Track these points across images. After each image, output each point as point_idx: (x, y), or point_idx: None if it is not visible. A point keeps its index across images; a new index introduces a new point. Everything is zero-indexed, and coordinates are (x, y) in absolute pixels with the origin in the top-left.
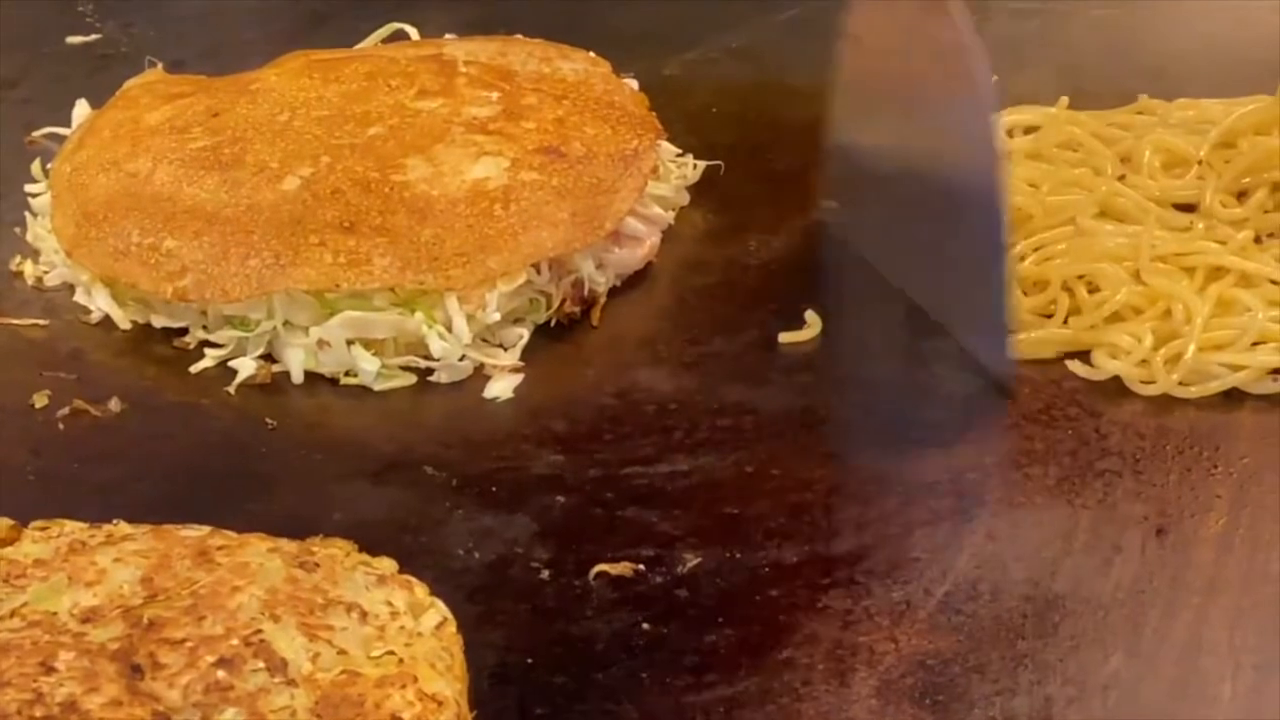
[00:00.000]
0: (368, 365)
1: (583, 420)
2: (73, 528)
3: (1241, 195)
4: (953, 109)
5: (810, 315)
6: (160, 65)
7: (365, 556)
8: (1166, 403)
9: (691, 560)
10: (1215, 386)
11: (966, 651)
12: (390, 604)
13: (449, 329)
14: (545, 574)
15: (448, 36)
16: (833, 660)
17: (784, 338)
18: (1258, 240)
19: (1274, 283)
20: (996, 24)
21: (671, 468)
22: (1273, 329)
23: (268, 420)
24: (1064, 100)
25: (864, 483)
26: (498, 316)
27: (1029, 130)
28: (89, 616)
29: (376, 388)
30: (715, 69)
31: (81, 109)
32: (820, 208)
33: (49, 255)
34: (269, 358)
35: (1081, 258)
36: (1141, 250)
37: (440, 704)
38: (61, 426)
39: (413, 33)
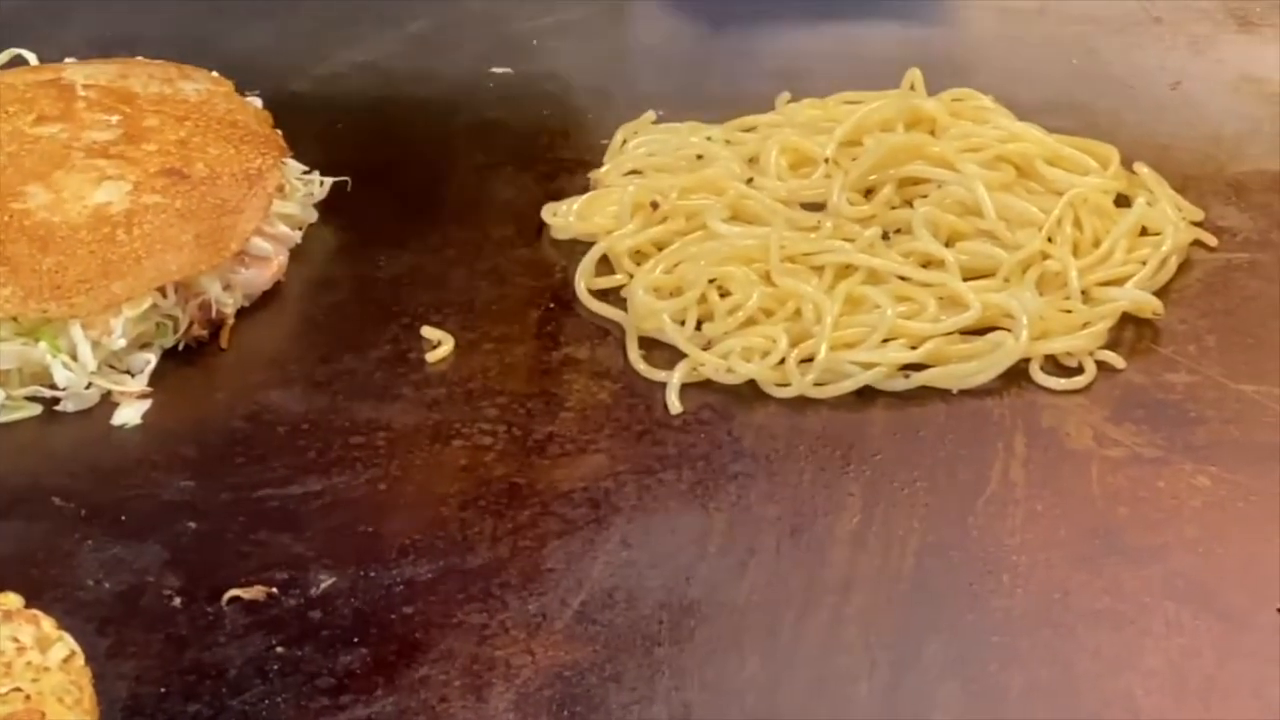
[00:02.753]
0: None
1: (213, 444)
2: None
3: (869, 192)
4: None
5: (441, 330)
6: None
7: None
8: (800, 403)
9: (325, 581)
10: (848, 385)
11: (604, 661)
12: (16, 640)
13: (74, 357)
14: (177, 602)
15: (68, 60)
16: (469, 676)
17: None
18: (885, 237)
19: (902, 279)
20: (623, 28)
21: (304, 488)
22: (902, 325)
23: None
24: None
25: (498, 495)
26: (123, 342)
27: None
28: None
29: (1, 420)
30: (343, 84)
31: None
32: None
33: None
34: None
35: (712, 261)
36: (771, 251)
37: None
38: None
39: (31, 58)
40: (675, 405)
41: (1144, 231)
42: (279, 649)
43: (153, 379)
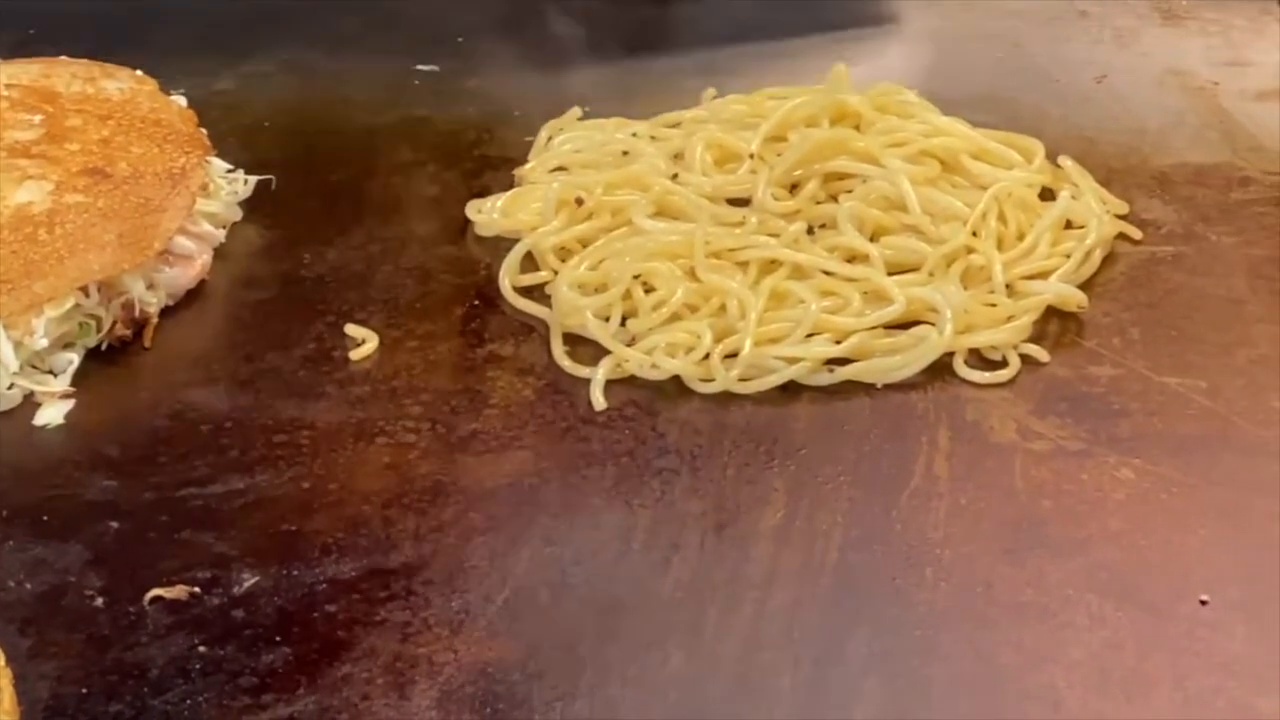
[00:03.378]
0: None
1: (136, 444)
2: None
3: (794, 188)
4: None
5: (365, 328)
6: None
7: None
8: (724, 399)
9: (248, 580)
10: (773, 380)
11: (527, 658)
12: None
13: None
14: (99, 602)
15: None
16: (392, 673)
17: (340, 351)
18: (810, 232)
19: (827, 273)
20: (549, 25)
21: (227, 487)
22: (826, 320)
23: None
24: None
25: (421, 493)
26: (46, 342)
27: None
28: None
29: None
30: (268, 83)
31: None
32: None
33: None
34: None
35: (637, 257)
36: (696, 247)
37: None
38: None
39: None
40: (600, 402)
41: (1069, 225)
42: (201, 648)
43: (76, 379)
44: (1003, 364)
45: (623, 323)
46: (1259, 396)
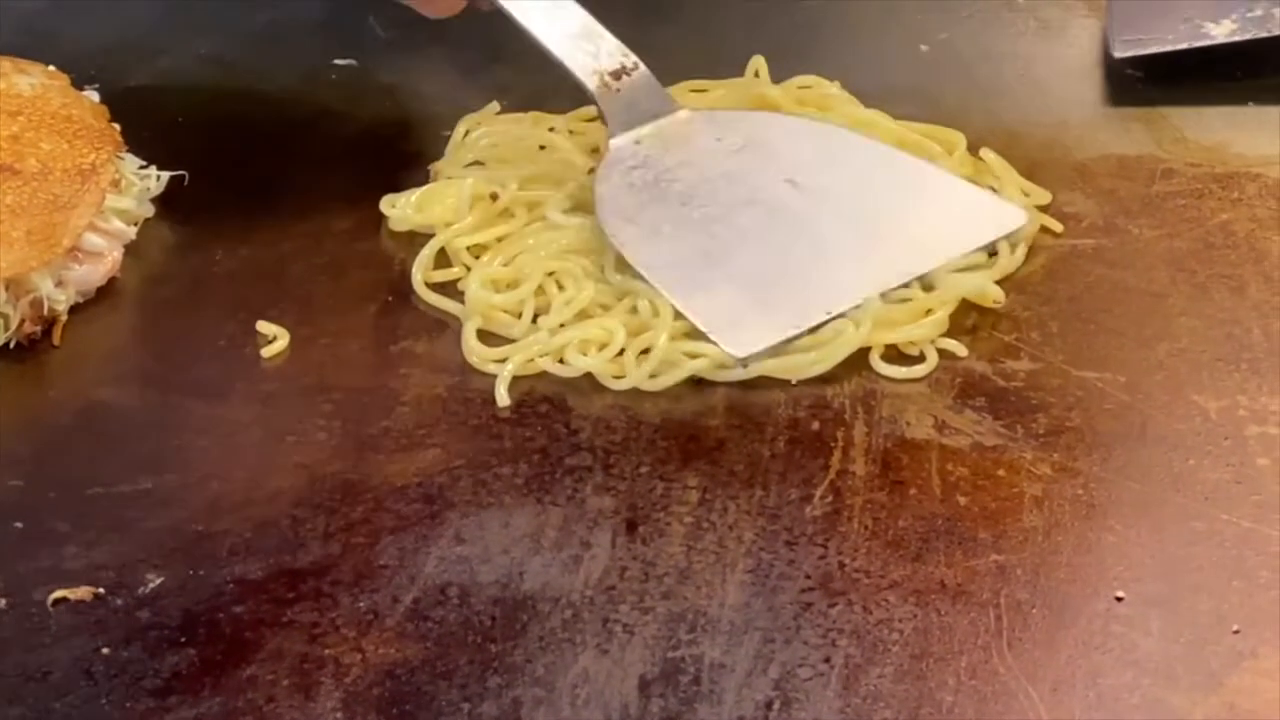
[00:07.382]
0: None
1: (43, 443)
2: None
3: None
4: None
5: (277, 325)
6: None
7: None
8: (638, 395)
9: (154, 581)
10: (679, 374)
11: (435, 658)
12: None
13: None
14: (2, 603)
15: None
16: (298, 675)
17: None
18: None
19: None
20: (468, 20)
21: (134, 487)
22: None
23: None
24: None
25: (331, 492)
26: None
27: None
28: None
29: None
30: (184, 77)
31: None
32: None
33: None
34: None
35: (551, 253)
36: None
37: None
38: None
39: None
40: (503, 398)
41: None
42: (105, 650)
43: None
44: (920, 359)
45: (535, 319)
46: (1178, 391)
